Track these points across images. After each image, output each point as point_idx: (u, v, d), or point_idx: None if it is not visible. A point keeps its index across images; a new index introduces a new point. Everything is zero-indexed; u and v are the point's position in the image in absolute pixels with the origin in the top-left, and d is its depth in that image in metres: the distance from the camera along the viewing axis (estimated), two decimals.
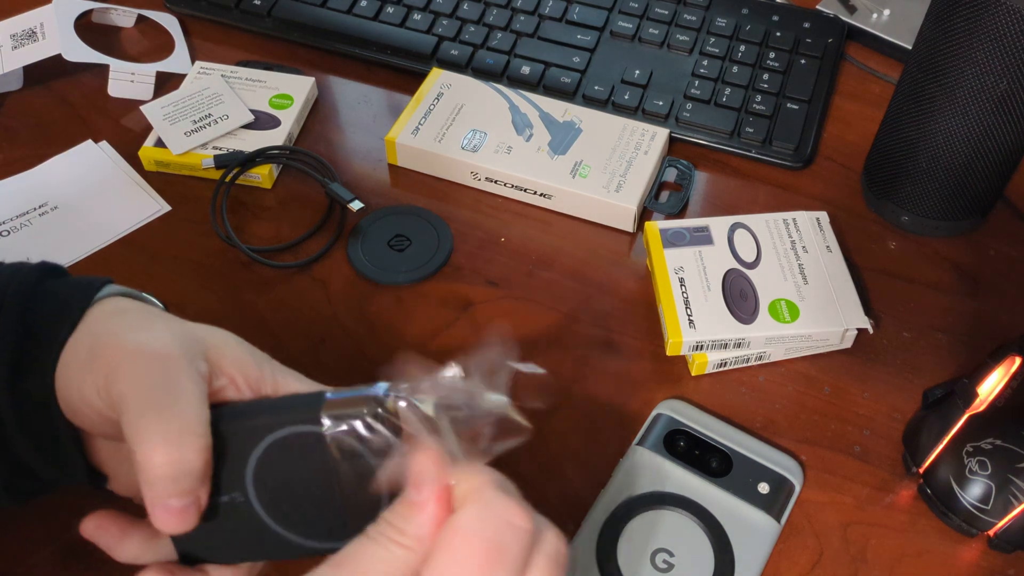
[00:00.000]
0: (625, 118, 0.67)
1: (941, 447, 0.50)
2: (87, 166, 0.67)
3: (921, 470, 0.51)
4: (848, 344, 0.57)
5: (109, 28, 0.76)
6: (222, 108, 0.67)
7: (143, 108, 0.67)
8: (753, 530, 0.49)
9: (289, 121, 0.67)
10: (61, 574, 0.48)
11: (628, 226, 0.63)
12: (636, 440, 0.52)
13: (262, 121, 0.67)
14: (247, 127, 0.66)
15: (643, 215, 0.64)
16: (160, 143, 0.65)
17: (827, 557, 0.49)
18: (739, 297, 0.56)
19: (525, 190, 0.64)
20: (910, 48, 0.58)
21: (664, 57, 0.72)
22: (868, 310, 0.56)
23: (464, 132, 0.66)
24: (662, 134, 0.66)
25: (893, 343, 0.58)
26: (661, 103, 0.69)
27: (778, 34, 0.73)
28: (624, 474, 0.51)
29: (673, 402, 0.54)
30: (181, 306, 0.59)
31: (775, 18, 0.74)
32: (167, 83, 0.71)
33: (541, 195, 0.64)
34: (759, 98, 0.69)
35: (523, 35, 0.74)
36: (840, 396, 0.56)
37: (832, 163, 0.68)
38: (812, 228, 0.60)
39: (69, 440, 0.39)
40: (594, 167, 0.64)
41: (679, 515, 0.49)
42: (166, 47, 0.74)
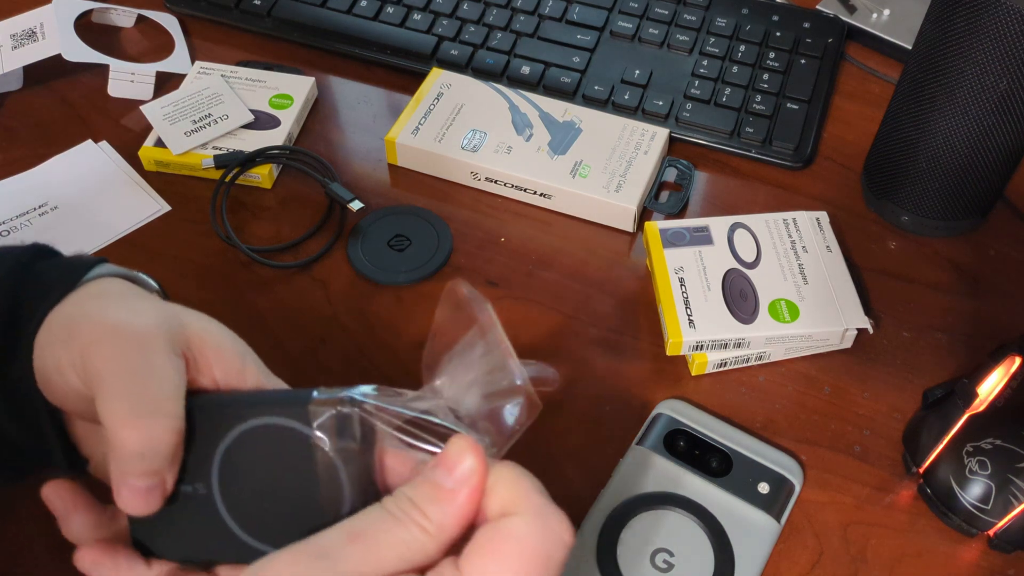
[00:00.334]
0: (625, 118, 0.67)
1: (941, 447, 0.50)
2: (87, 166, 0.66)
3: (921, 470, 0.51)
4: (848, 344, 0.57)
5: (109, 28, 0.76)
6: (222, 108, 0.67)
7: (143, 108, 0.67)
8: (753, 530, 0.49)
9: (289, 121, 0.67)
10: (60, 568, 0.48)
11: (628, 226, 0.63)
12: (636, 440, 0.52)
13: (262, 121, 0.67)
14: (247, 127, 0.66)
15: (643, 215, 0.64)
16: (160, 143, 0.65)
17: (827, 557, 0.49)
18: (739, 297, 0.56)
19: (525, 190, 0.64)
20: (910, 48, 0.58)
21: (664, 57, 0.72)
22: (868, 310, 0.56)
23: (464, 132, 0.66)
24: (662, 134, 0.66)
25: (893, 343, 0.58)
26: (661, 103, 0.69)
27: (778, 34, 0.73)
28: (624, 474, 0.51)
29: (673, 402, 0.54)
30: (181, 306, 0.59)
31: (775, 18, 0.74)
32: (167, 83, 0.71)
33: (541, 195, 0.64)
34: (759, 98, 0.69)
35: (523, 35, 0.74)
36: (840, 396, 0.56)
37: (832, 163, 0.68)
38: (812, 228, 0.60)
39: (46, 419, 0.39)
40: (594, 167, 0.64)
41: (679, 515, 0.49)
42: (166, 47, 0.74)
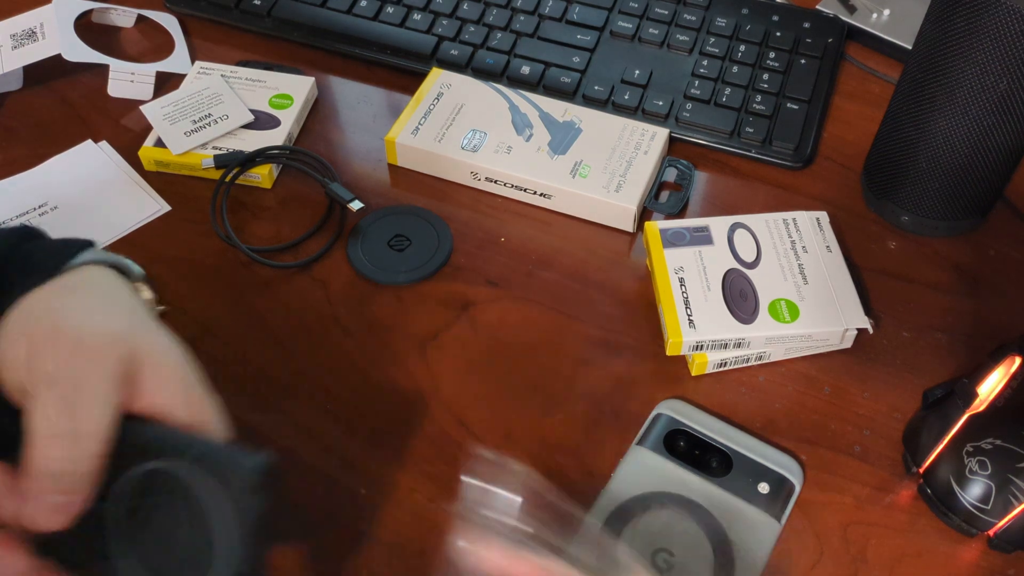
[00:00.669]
0: (625, 118, 0.67)
1: (941, 447, 0.50)
2: (87, 166, 0.66)
3: (921, 470, 0.51)
4: (848, 344, 0.57)
5: (109, 28, 0.76)
6: (222, 108, 0.67)
7: (143, 108, 0.67)
8: (753, 530, 0.49)
9: (289, 121, 0.67)
10: None
11: (628, 226, 0.63)
12: (636, 440, 0.52)
13: (262, 121, 0.67)
14: (247, 127, 0.66)
15: (643, 215, 0.64)
16: (160, 143, 0.65)
17: (827, 557, 0.49)
18: (739, 297, 0.56)
19: (525, 190, 0.64)
20: (910, 48, 0.58)
21: (664, 57, 0.72)
22: (868, 310, 0.56)
23: (464, 132, 0.66)
24: (662, 134, 0.66)
25: (893, 343, 0.58)
26: (661, 103, 0.69)
27: (778, 34, 0.73)
28: (624, 474, 0.51)
29: (673, 402, 0.54)
30: (181, 306, 0.59)
31: (775, 18, 0.74)
32: (167, 83, 0.71)
33: (541, 195, 0.64)
34: (759, 98, 0.69)
35: (523, 35, 0.74)
36: (840, 396, 0.56)
37: (832, 163, 0.68)
38: (812, 228, 0.60)
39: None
40: (594, 167, 0.64)
41: (679, 515, 0.49)
42: (166, 47, 0.74)
